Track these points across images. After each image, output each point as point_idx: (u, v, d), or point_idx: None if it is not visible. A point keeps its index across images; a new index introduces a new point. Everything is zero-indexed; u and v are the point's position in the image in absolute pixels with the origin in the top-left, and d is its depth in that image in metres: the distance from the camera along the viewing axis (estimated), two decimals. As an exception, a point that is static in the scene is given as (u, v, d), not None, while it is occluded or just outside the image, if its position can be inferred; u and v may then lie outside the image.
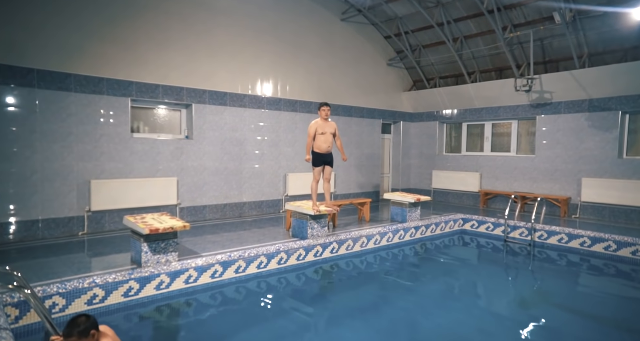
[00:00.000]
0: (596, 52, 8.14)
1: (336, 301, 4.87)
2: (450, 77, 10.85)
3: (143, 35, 6.97)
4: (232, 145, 8.14)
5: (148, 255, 4.54)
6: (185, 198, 7.55)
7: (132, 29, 6.86)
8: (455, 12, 9.05)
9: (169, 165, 7.32)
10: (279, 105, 8.83)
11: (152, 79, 7.08)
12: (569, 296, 5.19)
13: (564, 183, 8.67)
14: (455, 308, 4.63)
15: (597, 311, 4.65)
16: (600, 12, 7.41)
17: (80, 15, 6.34)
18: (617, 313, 4.59)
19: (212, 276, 4.93)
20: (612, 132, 7.99)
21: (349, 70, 10.20)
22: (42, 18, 6.03)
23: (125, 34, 6.79)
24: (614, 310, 4.76)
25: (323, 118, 5.98)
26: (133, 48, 6.87)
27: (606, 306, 4.86)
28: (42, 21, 6.03)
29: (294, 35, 9.07)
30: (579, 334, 3.99)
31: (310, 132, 5.93)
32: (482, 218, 8.20)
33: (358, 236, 6.58)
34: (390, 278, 5.76)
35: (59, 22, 6.16)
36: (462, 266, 6.51)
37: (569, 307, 4.72)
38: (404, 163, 11.87)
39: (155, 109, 7.51)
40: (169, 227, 4.50)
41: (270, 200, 8.78)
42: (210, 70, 7.79)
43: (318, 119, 6.03)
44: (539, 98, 8.95)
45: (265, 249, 5.45)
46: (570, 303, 4.90)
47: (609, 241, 6.44)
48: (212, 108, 7.82)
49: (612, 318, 4.41)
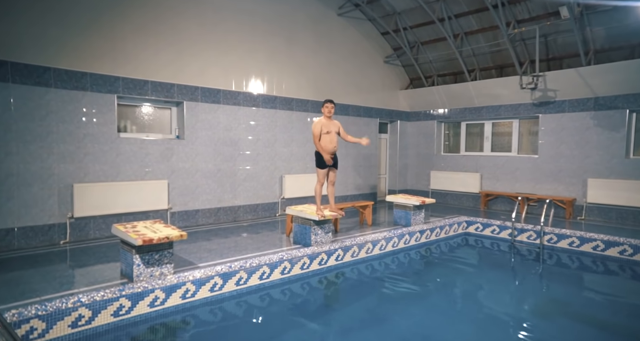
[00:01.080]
0: (602, 49, 7.95)
1: (344, 314, 4.50)
2: (448, 75, 10.58)
3: (130, 27, 6.45)
4: (226, 146, 7.66)
5: (140, 268, 4.07)
6: (177, 202, 7.05)
7: (119, 20, 6.33)
8: (457, 7, 8.76)
9: (158, 167, 6.81)
10: (274, 104, 8.39)
11: (140, 74, 6.56)
12: (589, 305, 4.91)
13: (569, 184, 8.47)
14: (469, 319, 4.33)
15: (617, 321, 4.37)
16: (609, 7, 7.21)
17: (61, 3, 5.80)
18: None
19: (211, 290, 4.47)
20: (620, 131, 7.81)
21: (345, 68, 9.83)
22: (18, 6, 5.47)
23: (111, 25, 6.26)
24: (635, 319, 4.49)
25: (326, 116, 5.57)
26: (120, 41, 6.35)
27: (625, 315, 4.59)
28: (17, 10, 5.47)
29: (289, 30, 8.64)
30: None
31: (315, 131, 5.52)
32: (487, 221, 7.92)
33: (363, 242, 6.21)
34: (398, 286, 5.40)
35: (36, 11, 5.61)
36: (471, 272, 6.20)
37: (589, 317, 4.44)
38: (401, 164, 11.56)
39: (144, 107, 6.99)
40: (164, 237, 4.03)
41: (265, 204, 8.34)
42: (203, 66, 7.31)
43: (321, 118, 5.62)
44: (542, 97, 8.73)
45: (268, 258, 5.02)
46: (592, 313, 4.61)
47: (624, 245, 6.22)
48: (204, 106, 7.34)
49: (630, 328, 4.14)
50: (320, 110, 9.08)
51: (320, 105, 9.09)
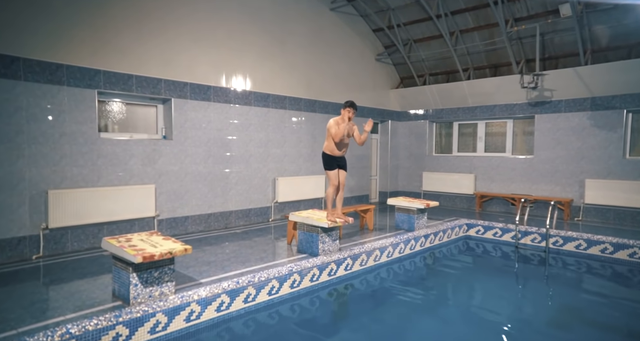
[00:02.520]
0: (599, 49, 7.94)
1: (358, 329, 4.11)
2: (440, 74, 10.40)
3: (113, 14, 5.80)
4: (217, 147, 7.10)
5: (138, 288, 3.50)
6: (165, 208, 6.43)
7: (99, 7, 5.67)
8: (454, 4, 8.56)
9: (144, 170, 6.18)
10: (267, 102, 7.88)
11: (123, 67, 5.92)
12: (603, 312, 4.71)
13: (565, 184, 8.43)
14: (483, 329, 4.10)
15: (634, 327, 4.20)
16: (609, 6, 7.17)
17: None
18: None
19: (217, 310, 3.96)
20: (617, 131, 7.82)
21: (337, 65, 9.45)
22: (-19, -15, 4.75)
23: (91, 11, 5.59)
24: None
25: (344, 119, 5.12)
26: (100, 29, 5.68)
27: (633, 319, 4.45)
28: (-19, -11, 4.74)
29: (282, 24, 8.17)
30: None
31: (333, 132, 5.03)
32: (488, 224, 7.73)
33: (372, 249, 5.83)
34: (409, 297, 5.08)
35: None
36: (479, 279, 5.95)
37: (605, 324, 4.24)
38: (392, 165, 11.29)
39: (128, 104, 6.33)
40: (167, 252, 3.49)
41: (258, 208, 7.82)
42: (192, 60, 6.72)
43: (339, 118, 5.16)
44: (539, 97, 8.67)
45: (277, 271, 4.54)
46: (607, 319, 4.42)
47: (635, 247, 6.13)
48: (194, 103, 6.75)
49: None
50: (310, 109, 8.75)
51: (312, 103, 8.74)
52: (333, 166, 5.21)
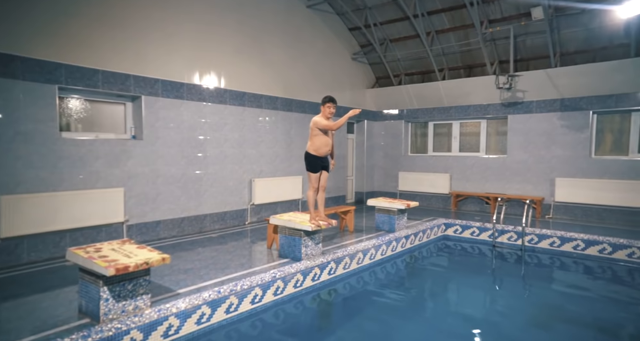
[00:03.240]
0: (567, 52, 8.19)
1: (344, 335, 3.98)
2: (416, 74, 10.45)
3: (74, 5, 5.35)
4: (191, 147, 6.75)
5: (110, 303, 3.19)
6: (134, 213, 6.03)
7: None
8: (430, 4, 8.59)
9: (112, 172, 5.76)
10: (242, 100, 7.60)
11: (88, 62, 5.49)
12: (579, 307, 4.80)
13: (537, 183, 8.65)
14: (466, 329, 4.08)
15: (607, 321, 4.30)
16: (578, 10, 7.40)
17: (-17, -32, 4.61)
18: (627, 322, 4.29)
19: (198, 322, 3.69)
20: (584, 131, 8.10)
21: (313, 64, 9.28)
22: None
23: (51, 1, 5.13)
24: (620, 318, 4.47)
25: (327, 116, 4.95)
26: (62, 19, 5.24)
27: (613, 314, 4.56)
28: None
29: (257, 20, 7.90)
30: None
31: (323, 123, 4.84)
32: (466, 223, 7.80)
33: (354, 252, 5.70)
34: (393, 298, 5.00)
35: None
36: (459, 278, 5.93)
37: (582, 320, 4.33)
38: (368, 165, 11.24)
39: (93, 101, 5.88)
40: (143, 263, 3.19)
41: (234, 211, 7.52)
42: (164, 56, 6.35)
43: (321, 116, 4.98)
44: (512, 97, 8.85)
45: (260, 278, 4.32)
46: (582, 315, 4.51)
47: (604, 243, 6.34)
48: (166, 101, 6.38)
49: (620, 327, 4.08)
50: (287, 108, 8.53)
51: (288, 102, 8.52)
52: (317, 168, 5.03)
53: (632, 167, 7.61)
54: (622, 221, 7.69)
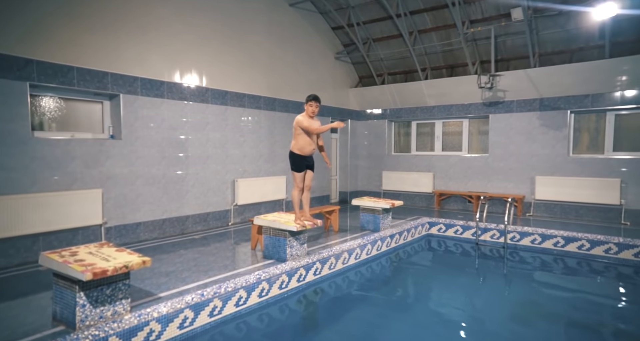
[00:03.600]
0: (546, 53, 8.36)
1: (330, 336, 3.94)
2: (399, 74, 10.50)
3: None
4: (172, 147, 6.59)
5: (86, 309, 3.05)
6: (113, 215, 5.84)
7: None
8: (413, 3, 8.64)
9: (89, 173, 5.56)
10: (225, 99, 7.47)
11: (62, 58, 5.28)
12: (559, 303, 4.89)
13: (518, 182, 8.80)
14: (453, 327, 4.12)
15: (584, 316, 4.40)
16: (555, 12, 7.55)
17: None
18: (608, 317, 4.39)
19: (180, 327, 3.58)
20: (562, 130, 8.27)
21: (296, 63, 9.21)
22: None
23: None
24: (598, 313, 4.57)
25: (309, 115, 4.89)
26: (33, 12, 5.02)
27: (590, 310, 4.67)
28: None
29: (239, 18, 7.78)
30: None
31: (306, 124, 4.77)
32: (449, 221, 7.87)
33: (340, 251, 5.66)
34: (379, 298, 4.99)
35: None
36: (444, 276, 5.98)
37: (561, 315, 4.41)
38: (352, 165, 11.24)
39: (68, 100, 5.67)
40: (122, 267, 3.07)
41: (217, 212, 7.39)
42: (143, 53, 6.18)
43: (304, 114, 4.92)
44: (493, 97, 8.98)
45: (244, 280, 4.23)
46: (562, 310, 4.60)
47: (582, 240, 6.48)
48: (145, 100, 6.21)
49: (597, 322, 4.17)
50: (270, 108, 8.43)
51: (271, 102, 8.43)
52: (302, 167, 4.97)
53: (607, 165, 7.82)
54: (599, 218, 7.89)
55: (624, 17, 7.15)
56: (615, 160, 7.76)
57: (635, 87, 7.50)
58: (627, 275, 5.78)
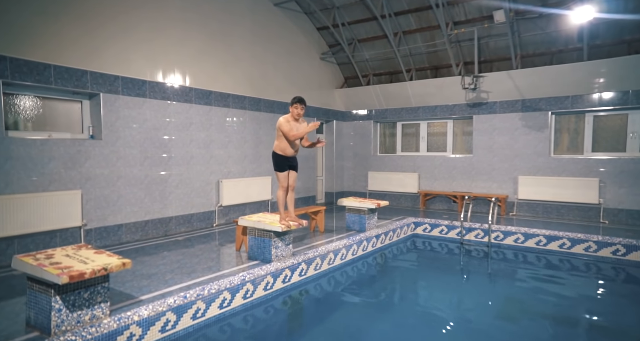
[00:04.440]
0: (527, 54, 8.51)
1: (315, 338, 3.91)
2: (384, 75, 10.55)
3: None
4: (155, 147, 6.47)
5: (62, 314, 2.95)
6: (93, 216, 5.69)
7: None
8: (397, 4, 8.69)
9: (68, 174, 5.41)
10: (209, 99, 7.37)
11: (38, 55, 5.13)
12: (541, 301, 4.97)
13: (501, 182, 8.92)
14: (438, 326, 4.14)
15: (566, 313, 4.48)
16: (535, 14, 7.69)
17: None
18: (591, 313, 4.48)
19: (162, 330, 3.49)
20: (544, 131, 8.43)
21: (281, 63, 9.16)
22: None
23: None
24: (579, 309, 4.66)
25: (295, 117, 4.85)
26: (6, 8, 4.86)
27: (572, 307, 4.76)
28: None
29: (224, 16, 7.70)
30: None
31: (285, 129, 4.74)
32: (434, 222, 7.92)
33: (325, 252, 5.62)
34: (364, 298, 4.98)
35: None
36: (429, 276, 6.02)
37: (545, 313, 4.48)
38: (338, 165, 11.24)
39: (45, 99, 5.50)
40: (101, 269, 2.97)
41: (201, 213, 7.28)
42: (124, 51, 6.05)
43: (288, 116, 4.87)
44: (476, 98, 9.10)
45: (228, 281, 4.15)
46: (545, 308, 4.67)
47: (564, 239, 6.59)
48: (127, 99, 6.07)
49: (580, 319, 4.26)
50: (255, 108, 8.36)
51: (256, 102, 8.36)
52: (284, 167, 4.92)
53: (586, 165, 7.99)
54: (579, 217, 8.06)
55: (601, 21, 7.33)
56: (593, 160, 7.94)
57: (612, 89, 7.70)
58: (606, 272, 5.91)
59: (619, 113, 7.94)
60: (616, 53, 7.61)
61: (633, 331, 4.06)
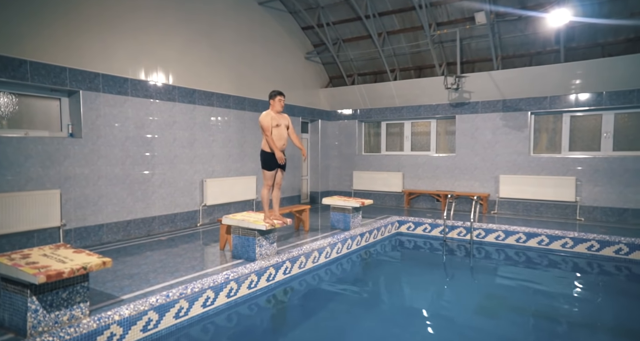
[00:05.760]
0: (507, 56, 8.69)
1: (300, 335, 3.93)
2: (368, 75, 10.62)
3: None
4: (137, 146, 6.38)
5: (39, 314, 2.89)
6: (73, 216, 5.58)
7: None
8: (381, 5, 8.77)
9: (46, 173, 5.29)
10: (192, 98, 7.31)
11: (12, 51, 4.99)
12: (522, 296, 5.10)
13: (483, 180, 9.09)
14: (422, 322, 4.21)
15: (547, 307, 4.62)
16: (515, 17, 7.87)
17: None
18: (567, 308, 4.61)
19: (144, 330, 3.45)
20: (524, 131, 8.62)
21: (266, 62, 9.13)
22: None
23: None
24: (556, 303, 4.80)
25: (277, 110, 4.87)
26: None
27: (549, 300, 4.89)
28: None
29: (207, 14, 7.64)
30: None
31: (265, 124, 4.76)
32: (418, 220, 8.01)
33: (310, 250, 5.64)
34: (348, 296, 5.02)
35: None
36: (412, 273, 6.09)
37: (525, 308, 4.60)
38: (323, 165, 11.26)
39: (21, 95, 5.37)
40: (80, 268, 2.92)
41: (185, 213, 7.20)
42: (105, 48, 5.94)
43: (270, 110, 4.89)
44: (459, 98, 9.24)
45: (212, 280, 4.13)
46: (526, 303, 4.79)
47: (542, 236, 6.76)
48: (108, 97, 5.97)
49: (560, 313, 4.39)
50: (240, 107, 8.33)
51: (241, 101, 8.32)
52: (273, 166, 4.93)
53: (563, 164, 8.21)
54: (557, 214, 8.27)
55: (576, 24, 7.55)
56: (570, 159, 8.16)
57: (588, 90, 7.93)
58: (581, 267, 6.08)
59: (594, 114, 8.19)
60: (591, 55, 7.84)
61: (607, 322, 4.20)
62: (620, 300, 4.94)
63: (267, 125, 4.75)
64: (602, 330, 4.03)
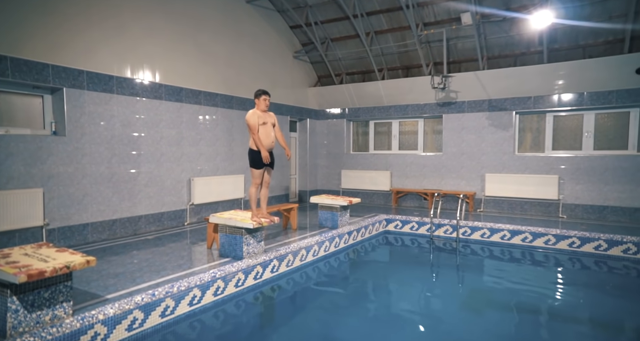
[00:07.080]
0: (493, 56, 8.82)
1: (287, 332, 3.95)
2: (357, 74, 10.67)
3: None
4: (123, 144, 6.31)
5: (20, 315, 2.85)
6: (56, 216, 5.50)
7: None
8: (369, 4, 8.81)
9: (28, 171, 5.20)
10: (179, 96, 7.25)
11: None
12: (507, 292, 5.20)
13: (469, 179, 9.21)
14: (408, 320, 4.23)
15: (531, 304, 4.72)
16: (500, 18, 7.99)
17: None
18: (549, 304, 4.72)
19: (129, 329, 3.42)
20: (509, 130, 8.76)
21: (254, 61, 9.10)
22: None
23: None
24: (539, 299, 4.91)
25: (263, 109, 4.88)
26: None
27: (532, 296, 5.00)
28: None
29: (194, 11, 7.58)
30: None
31: (251, 122, 4.76)
32: (405, 218, 8.09)
33: (298, 249, 5.65)
34: (335, 294, 5.06)
35: None
36: (399, 271, 6.14)
37: (510, 304, 4.69)
38: (311, 164, 11.28)
39: (1, 92, 5.26)
40: (63, 267, 2.89)
41: (172, 211, 7.15)
42: (89, 44, 5.86)
43: (255, 109, 4.90)
44: (446, 97, 9.34)
45: (199, 278, 4.12)
46: (510, 299, 4.89)
47: (526, 233, 6.89)
48: (93, 95, 5.89)
49: (544, 309, 4.50)
50: (227, 105, 8.29)
51: (228, 99, 8.29)
52: (261, 164, 4.93)
53: (547, 162, 8.37)
54: (540, 212, 8.43)
55: (559, 26, 7.70)
56: (554, 158, 8.33)
57: (570, 90, 8.10)
58: (563, 263, 6.22)
59: (576, 114, 8.36)
60: (572, 57, 8.01)
61: (586, 315, 4.31)
62: (598, 294, 5.07)
63: (254, 124, 4.76)
64: (582, 323, 4.13)
